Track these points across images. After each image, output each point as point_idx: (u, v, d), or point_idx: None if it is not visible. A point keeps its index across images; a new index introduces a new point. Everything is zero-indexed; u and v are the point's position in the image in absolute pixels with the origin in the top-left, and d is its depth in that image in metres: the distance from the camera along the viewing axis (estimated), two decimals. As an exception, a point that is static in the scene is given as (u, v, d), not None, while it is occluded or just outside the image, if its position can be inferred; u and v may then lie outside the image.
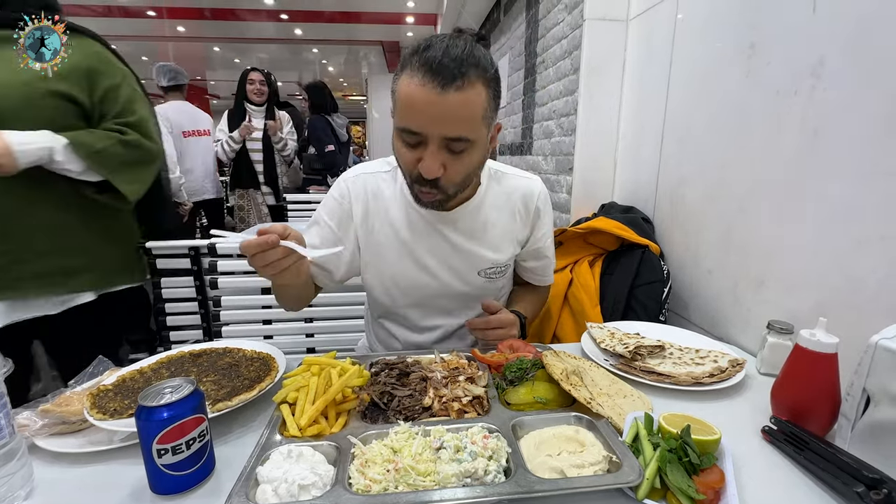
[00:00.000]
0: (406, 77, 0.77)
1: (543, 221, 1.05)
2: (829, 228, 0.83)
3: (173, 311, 1.46)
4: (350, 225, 0.98)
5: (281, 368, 0.82)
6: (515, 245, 1.04)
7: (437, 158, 0.79)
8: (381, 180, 1.00)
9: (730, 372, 0.83)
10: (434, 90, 0.74)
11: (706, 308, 1.20)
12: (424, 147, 0.79)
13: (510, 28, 2.83)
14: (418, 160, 0.80)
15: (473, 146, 0.81)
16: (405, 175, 0.88)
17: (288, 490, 0.53)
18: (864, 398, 0.61)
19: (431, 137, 0.77)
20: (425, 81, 0.74)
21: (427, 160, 0.79)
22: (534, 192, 1.03)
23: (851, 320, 0.78)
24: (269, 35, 6.58)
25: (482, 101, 0.78)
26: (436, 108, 0.75)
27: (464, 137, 0.78)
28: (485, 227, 0.99)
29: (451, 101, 0.74)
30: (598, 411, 0.67)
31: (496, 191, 1.01)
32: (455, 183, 0.84)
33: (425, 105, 0.75)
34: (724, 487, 0.55)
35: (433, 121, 0.76)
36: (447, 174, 0.81)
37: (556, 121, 1.96)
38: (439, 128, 0.77)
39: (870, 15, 0.75)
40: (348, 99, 13.73)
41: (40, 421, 0.68)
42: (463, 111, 0.76)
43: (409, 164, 0.83)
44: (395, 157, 0.88)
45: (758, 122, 1.00)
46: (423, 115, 0.76)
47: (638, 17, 1.53)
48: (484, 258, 1.00)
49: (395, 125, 0.83)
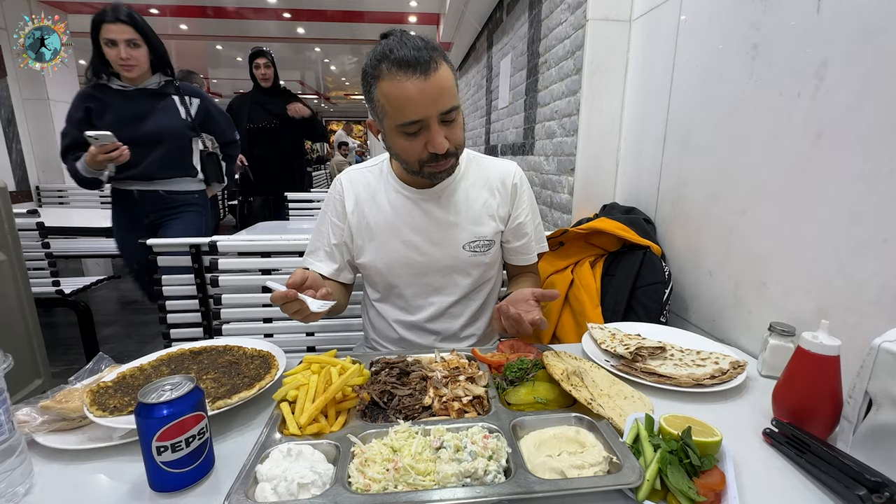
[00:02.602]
0: (387, 81, 0.87)
1: (522, 199, 1.12)
2: (831, 230, 0.83)
3: (174, 308, 1.46)
4: (345, 217, 1.09)
5: (281, 366, 0.82)
6: (497, 221, 1.10)
7: (441, 133, 0.90)
8: (369, 174, 1.12)
9: (731, 374, 0.83)
10: (421, 79, 0.85)
11: (707, 309, 1.19)
12: (426, 130, 0.90)
13: (513, 28, 2.83)
14: (424, 145, 0.91)
15: (459, 111, 0.93)
16: (413, 164, 0.96)
17: (287, 488, 0.53)
18: (867, 401, 0.60)
19: (431, 118, 0.88)
20: (409, 75, 0.85)
21: (435, 138, 0.89)
22: (510, 171, 1.12)
23: (853, 323, 0.77)
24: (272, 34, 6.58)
25: (451, 74, 0.91)
26: (428, 94, 0.86)
27: (454, 106, 0.90)
28: (466, 202, 1.08)
29: (436, 81, 0.86)
30: (599, 412, 0.67)
31: (475, 172, 1.11)
32: (459, 144, 0.96)
33: (419, 95, 0.85)
34: (725, 489, 0.54)
35: (429, 104, 0.87)
36: (451, 141, 0.92)
37: (558, 121, 1.95)
38: (436, 107, 0.88)
39: (874, 16, 0.75)
40: (350, 98, 13.73)
41: (40, 417, 0.68)
42: (445, 85, 0.88)
43: (416, 151, 0.92)
44: (396, 154, 0.98)
45: (760, 124, 0.99)
46: (419, 104, 0.86)
47: (641, 18, 1.53)
48: (467, 231, 1.07)
49: (391, 126, 0.91)
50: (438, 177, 0.99)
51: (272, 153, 3.33)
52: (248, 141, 3.19)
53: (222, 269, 1.40)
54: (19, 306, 1.36)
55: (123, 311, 3.73)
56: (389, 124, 0.91)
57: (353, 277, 1.16)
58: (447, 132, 0.91)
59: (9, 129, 3.62)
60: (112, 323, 3.37)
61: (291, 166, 3.47)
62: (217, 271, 1.40)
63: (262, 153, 3.29)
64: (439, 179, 1.01)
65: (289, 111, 3.21)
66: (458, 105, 0.92)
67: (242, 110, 3.23)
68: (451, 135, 0.92)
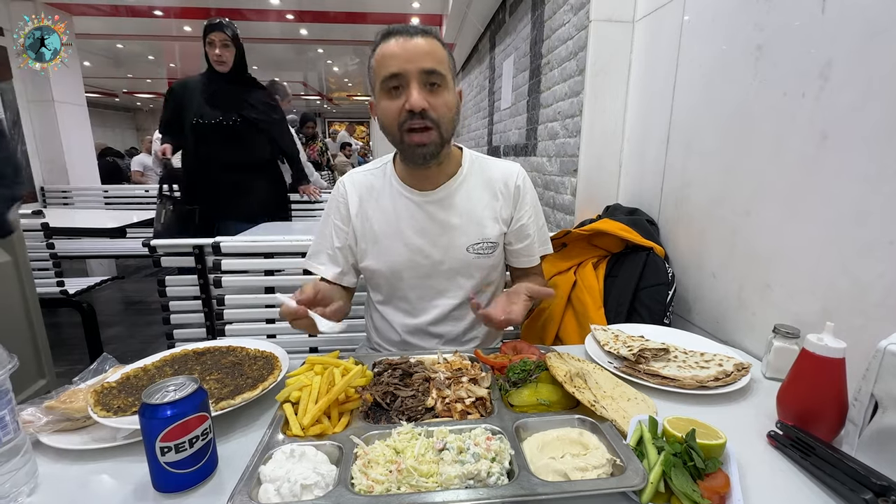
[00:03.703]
0: (379, 48, 0.93)
1: (525, 201, 1.11)
2: (836, 232, 0.82)
3: (177, 309, 1.47)
4: (349, 220, 1.08)
5: (284, 367, 0.82)
6: (501, 223, 1.09)
7: (420, 93, 0.91)
8: (372, 176, 1.11)
9: (735, 376, 0.83)
10: (403, 38, 0.91)
11: (711, 311, 1.19)
12: (406, 89, 0.92)
13: (515, 29, 2.83)
14: (403, 104, 0.92)
15: (446, 85, 0.94)
16: (394, 130, 0.96)
17: (290, 490, 0.53)
18: (872, 404, 0.60)
19: (411, 74, 0.91)
20: (395, 38, 0.92)
21: (413, 94, 0.91)
22: (514, 172, 1.11)
23: (858, 325, 0.77)
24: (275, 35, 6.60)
25: (444, 53, 0.94)
26: (409, 50, 0.90)
27: (437, 71, 0.92)
28: (469, 204, 1.07)
29: (419, 42, 0.91)
30: (602, 414, 0.67)
31: (477, 173, 1.10)
32: (442, 116, 0.94)
33: (401, 51, 0.90)
34: (729, 492, 0.54)
35: (409, 59, 0.90)
36: (432, 107, 0.93)
37: (560, 122, 1.95)
38: (416, 64, 0.90)
39: (879, 16, 0.74)
40: (353, 99, 13.75)
41: (45, 417, 0.68)
42: (430, 49, 0.92)
43: (396, 111, 0.93)
44: (383, 125, 0.98)
45: (764, 125, 0.99)
46: (399, 58, 0.90)
47: (644, 19, 1.52)
48: (471, 234, 1.06)
49: (377, 88, 0.95)
50: (419, 150, 0.94)
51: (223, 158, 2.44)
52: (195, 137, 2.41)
53: (225, 270, 1.41)
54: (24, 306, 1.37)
55: (127, 311, 3.75)
56: (377, 89, 0.95)
57: (356, 281, 1.15)
58: (429, 97, 0.92)
59: (14, 131, 3.64)
60: (116, 323, 3.38)
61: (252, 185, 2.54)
62: (220, 272, 1.41)
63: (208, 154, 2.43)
64: (420, 156, 0.95)
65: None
66: (445, 76, 0.93)
67: (189, 100, 2.38)
68: (434, 101, 0.93)
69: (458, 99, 1.00)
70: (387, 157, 1.12)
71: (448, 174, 1.07)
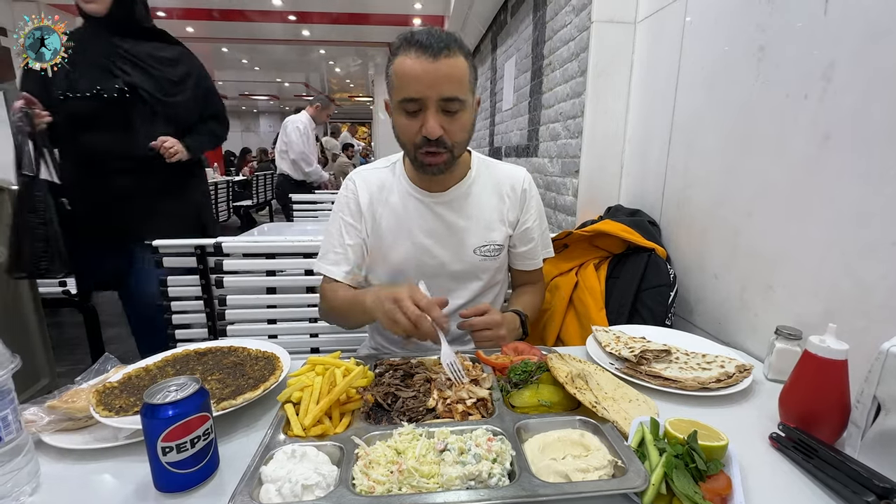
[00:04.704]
0: (401, 57, 0.90)
1: (531, 205, 1.13)
2: (838, 233, 0.82)
3: (179, 309, 1.47)
4: (360, 216, 1.08)
5: (285, 368, 0.83)
6: (507, 226, 1.11)
7: (437, 119, 0.90)
8: (382, 173, 1.11)
9: (737, 377, 0.82)
10: (427, 60, 0.87)
11: (713, 313, 1.19)
12: (424, 113, 0.91)
13: (517, 30, 2.83)
14: (420, 127, 0.92)
15: (465, 107, 0.93)
16: (409, 147, 0.97)
17: (291, 490, 0.53)
18: (875, 406, 0.60)
19: (430, 101, 0.89)
20: (419, 55, 0.88)
21: (429, 121, 0.90)
22: (520, 176, 1.13)
23: (861, 327, 0.77)
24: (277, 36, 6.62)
25: (466, 69, 0.92)
26: (431, 75, 0.88)
27: (457, 97, 0.90)
28: (477, 207, 1.08)
29: (442, 66, 0.88)
30: (604, 415, 0.67)
31: (486, 176, 1.11)
32: (456, 141, 0.95)
33: (422, 74, 0.88)
34: (731, 494, 0.54)
35: (430, 86, 0.88)
36: (448, 133, 0.93)
37: (562, 123, 1.95)
38: (436, 90, 0.89)
39: (881, 17, 0.74)
40: (355, 100, 13.77)
41: (47, 417, 0.68)
42: (453, 74, 0.89)
43: (412, 132, 0.93)
44: (397, 135, 0.98)
45: (767, 126, 0.99)
46: (420, 82, 0.88)
47: (646, 20, 1.52)
48: (478, 236, 1.08)
49: (394, 102, 0.94)
50: (429, 169, 0.97)
51: (101, 150, 1.54)
52: (68, 120, 1.49)
53: (227, 271, 1.41)
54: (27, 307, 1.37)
55: (129, 311, 3.75)
56: (394, 99, 0.94)
57: (364, 281, 1.14)
58: (446, 122, 0.92)
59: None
60: (117, 324, 3.38)
61: (149, 195, 1.62)
62: (222, 272, 1.41)
63: (89, 145, 1.53)
64: (430, 173, 0.98)
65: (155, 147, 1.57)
66: (464, 100, 0.91)
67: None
68: (450, 127, 0.92)
69: (474, 112, 0.99)
70: (395, 156, 1.12)
71: (457, 177, 1.08)
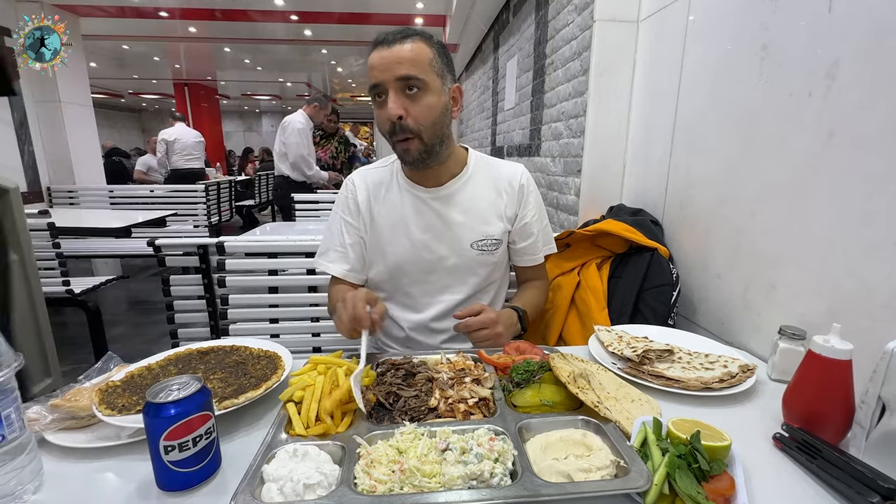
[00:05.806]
0: (369, 59, 0.95)
1: (529, 200, 1.14)
2: (842, 232, 0.82)
3: (181, 308, 1.48)
4: (359, 215, 1.11)
5: (287, 367, 0.83)
6: (505, 221, 1.11)
7: (397, 101, 0.93)
8: (379, 172, 1.14)
9: (740, 377, 0.82)
10: (383, 47, 0.93)
11: (716, 312, 1.18)
12: (386, 98, 0.94)
13: (519, 29, 2.83)
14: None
15: (427, 88, 0.95)
16: (386, 138, 0.99)
17: (293, 489, 0.53)
18: (880, 406, 0.60)
19: (388, 83, 0.93)
20: (378, 48, 0.94)
21: (389, 103, 0.94)
22: (518, 172, 1.14)
23: (865, 327, 0.76)
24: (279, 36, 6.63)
25: (426, 52, 0.94)
26: (386, 59, 0.92)
27: (412, 76, 0.92)
28: (474, 202, 1.09)
29: (396, 49, 0.92)
30: (606, 415, 0.67)
31: (483, 173, 1.13)
32: (422, 124, 0.96)
33: (378, 60, 0.93)
34: (734, 495, 0.54)
35: (386, 68, 0.93)
36: (410, 115, 0.95)
37: (564, 122, 1.95)
38: (392, 71, 0.92)
39: (886, 15, 0.74)
40: (357, 100, 13.78)
41: (50, 416, 0.69)
42: (408, 55, 0.92)
43: (384, 120, 0.96)
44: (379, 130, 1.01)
45: (770, 125, 0.98)
46: (377, 68, 0.93)
47: (648, 19, 1.52)
48: (475, 230, 1.08)
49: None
50: (406, 157, 1.00)
51: None
52: None
53: (229, 270, 1.41)
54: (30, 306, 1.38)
55: (132, 310, 3.77)
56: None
57: (364, 279, 1.16)
58: (406, 104, 0.94)
59: (21, 131, 3.67)
60: (120, 323, 3.41)
61: None
62: (224, 272, 1.41)
63: None
64: (408, 162, 1.01)
65: None
66: (423, 79, 0.93)
67: None
68: (412, 109, 0.94)
69: (447, 98, 0.99)
70: (394, 155, 1.13)
71: (453, 172, 1.09)
